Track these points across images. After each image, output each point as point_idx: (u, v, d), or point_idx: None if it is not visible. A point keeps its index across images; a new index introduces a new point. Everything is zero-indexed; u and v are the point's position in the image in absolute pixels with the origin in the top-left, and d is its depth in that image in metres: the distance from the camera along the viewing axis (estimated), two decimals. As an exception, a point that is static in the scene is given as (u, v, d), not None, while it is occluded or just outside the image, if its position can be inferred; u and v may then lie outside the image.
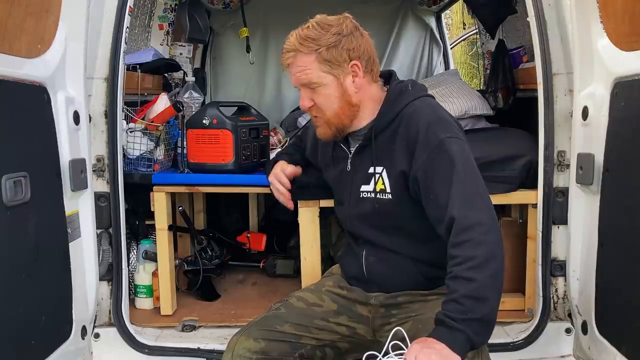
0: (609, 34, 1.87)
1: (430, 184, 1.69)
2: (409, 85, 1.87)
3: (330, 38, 1.74)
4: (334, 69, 1.75)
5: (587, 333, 2.05)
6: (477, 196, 1.65)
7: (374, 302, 1.91)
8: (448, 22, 8.32)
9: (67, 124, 1.95)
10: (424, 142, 1.71)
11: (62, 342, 1.94)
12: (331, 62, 1.75)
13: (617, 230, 1.84)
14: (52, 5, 1.87)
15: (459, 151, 1.69)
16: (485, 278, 1.54)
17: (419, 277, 1.86)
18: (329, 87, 1.77)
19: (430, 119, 1.74)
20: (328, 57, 1.74)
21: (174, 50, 3.57)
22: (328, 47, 1.74)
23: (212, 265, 2.78)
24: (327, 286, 2.00)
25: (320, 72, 1.76)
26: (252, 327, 1.83)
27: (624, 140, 1.79)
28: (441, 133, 1.71)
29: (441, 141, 1.69)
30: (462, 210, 1.61)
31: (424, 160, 1.70)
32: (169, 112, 2.50)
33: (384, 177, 1.82)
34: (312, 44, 1.74)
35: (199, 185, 2.44)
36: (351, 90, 1.78)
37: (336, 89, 1.78)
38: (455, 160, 1.67)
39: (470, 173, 1.68)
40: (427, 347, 1.48)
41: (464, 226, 1.59)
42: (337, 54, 1.74)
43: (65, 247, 1.96)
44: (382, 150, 1.82)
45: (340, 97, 1.78)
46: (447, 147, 1.68)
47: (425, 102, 1.83)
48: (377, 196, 1.83)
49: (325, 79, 1.76)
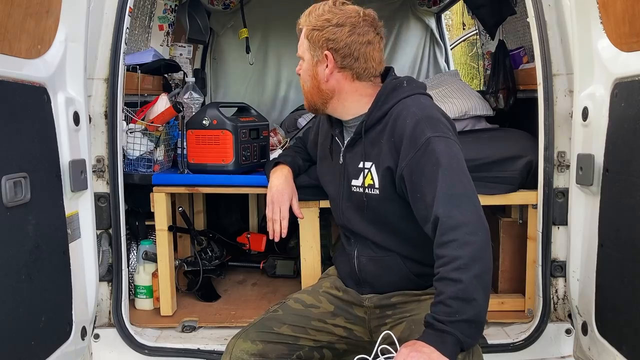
0: (609, 35, 1.87)
1: (417, 182, 1.68)
2: (404, 82, 1.86)
3: (319, 22, 1.81)
4: (312, 50, 1.84)
5: (587, 334, 2.05)
6: (463, 196, 1.63)
7: (368, 304, 1.92)
8: (448, 22, 8.33)
9: (67, 125, 1.95)
10: (410, 140, 1.70)
11: (62, 342, 1.94)
12: (311, 42, 1.83)
13: (617, 230, 1.84)
14: (52, 6, 1.87)
15: (446, 150, 1.67)
16: (471, 278, 1.52)
17: (409, 275, 1.87)
18: (307, 63, 1.87)
19: (418, 117, 1.73)
20: (311, 37, 1.83)
21: (174, 51, 3.57)
22: (314, 28, 1.82)
23: (212, 265, 2.78)
24: (324, 287, 2.00)
25: (305, 47, 1.86)
26: (249, 330, 1.84)
27: (624, 140, 1.79)
28: (428, 131, 1.69)
29: (428, 139, 1.68)
30: (447, 210, 1.59)
31: (410, 158, 1.69)
32: (169, 113, 2.50)
33: (373, 173, 1.82)
34: (309, 19, 1.84)
35: (198, 185, 2.44)
36: (321, 77, 1.85)
37: (310, 68, 1.86)
38: (441, 159, 1.65)
39: (456, 172, 1.65)
40: (416, 351, 1.47)
41: (449, 226, 1.57)
42: (317, 38, 1.82)
43: (65, 248, 1.96)
44: (372, 145, 1.83)
45: (313, 78, 1.86)
46: (434, 146, 1.67)
47: (417, 100, 1.81)
48: (366, 191, 1.84)
49: (305, 55, 1.86)
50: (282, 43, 4.35)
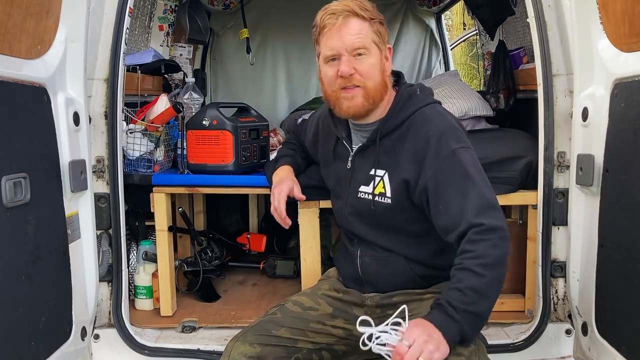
0: (608, 35, 1.87)
1: (442, 193, 1.70)
2: (417, 90, 1.87)
3: (379, 16, 1.79)
4: (380, 44, 1.78)
5: (587, 334, 2.05)
6: (493, 207, 1.68)
7: (370, 303, 1.91)
8: (448, 23, 8.33)
9: (67, 125, 1.94)
10: (435, 152, 1.72)
11: (62, 343, 1.94)
12: (380, 36, 1.78)
13: (617, 231, 1.84)
14: (52, 6, 1.87)
15: (472, 161, 1.72)
16: (492, 278, 1.58)
17: (413, 276, 1.87)
18: (374, 57, 1.77)
19: (441, 128, 1.76)
20: (379, 30, 1.78)
21: (174, 51, 3.57)
22: (380, 21, 1.79)
23: (212, 266, 2.78)
24: (322, 290, 2.00)
25: (371, 40, 1.76)
26: (248, 332, 1.83)
27: (624, 141, 1.79)
28: (453, 143, 1.72)
29: (453, 151, 1.71)
30: (480, 218, 1.63)
31: (435, 170, 1.71)
32: (169, 113, 2.50)
33: (385, 181, 1.82)
34: (370, 13, 1.77)
35: (198, 186, 2.44)
36: (387, 70, 1.81)
37: (379, 62, 1.79)
38: (469, 170, 1.69)
39: (484, 183, 1.71)
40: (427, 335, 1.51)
41: (484, 229, 1.62)
42: (384, 32, 1.80)
43: (65, 248, 1.96)
44: (385, 153, 1.82)
45: (381, 72, 1.79)
46: (460, 157, 1.70)
47: (435, 109, 1.84)
48: (375, 199, 1.83)
49: (374, 48, 1.77)
50: (283, 43, 4.35)
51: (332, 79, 1.79)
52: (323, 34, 1.78)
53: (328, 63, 1.79)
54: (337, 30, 1.75)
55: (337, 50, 1.76)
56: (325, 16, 1.77)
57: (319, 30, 1.80)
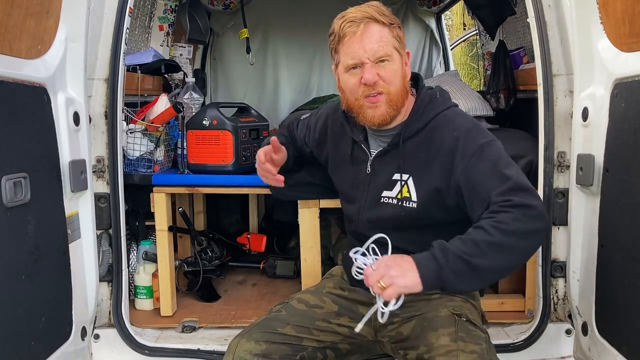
0: (609, 35, 1.87)
1: (473, 186, 1.68)
2: (437, 93, 1.86)
3: (396, 21, 1.77)
4: (400, 49, 1.76)
5: (588, 334, 2.05)
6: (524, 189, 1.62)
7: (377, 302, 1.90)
8: (448, 23, 8.33)
9: (67, 125, 1.95)
10: (463, 149, 1.71)
11: (62, 343, 1.94)
12: (400, 40, 1.76)
13: (618, 231, 1.84)
14: (52, 6, 1.87)
15: (500, 151, 1.71)
16: (503, 241, 1.52)
17: None
18: (396, 63, 1.75)
19: (467, 127, 1.75)
20: (399, 34, 1.76)
21: (174, 51, 3.57)
22: (399, 25, 1.77)
23: (212, 266, 2.78)
24: (327, 288, 1.99)
25: (392, 46, 1.74)
26: (253, 329, 1.82)
27: (624, 141, 1.79)
28: (480, 139, 1.72)
29: (481, 146, 1.70)
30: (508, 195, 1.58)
31: (464, 165, 1.70)
32: (169, 113, 2.50)
33: (410, 185, 1.80)
34: (388, 18, 1.74)
35: (199, 186, 2.44)
36: (407, 75, 1.80)
37: (400, 67, 1.77)
38: (498, 161, 1.68)
39: (516, 169, 1.68)
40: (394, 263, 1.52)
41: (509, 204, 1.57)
42: (402, 36, 1.78)
43: (65, 248, 1.96)
44: (409, 157, 1.80)
45: (402, 78, 1.77)
46: (488, 151, 1.69)
47: (456, 112, 1.84)
48: (403, 204, 1.81)
49: (395, 54, 1.75)
50: (283, 43, 4.35)
51: (354, 87, 1.76)
52: (343, 42, 1.74)
53: (349, 72, 1.76)
54: (359, 39, 1.71)
55: (359, 59, 1.72)
56: (344, 24, 1.73)
57: (337, 39, 1.75)
